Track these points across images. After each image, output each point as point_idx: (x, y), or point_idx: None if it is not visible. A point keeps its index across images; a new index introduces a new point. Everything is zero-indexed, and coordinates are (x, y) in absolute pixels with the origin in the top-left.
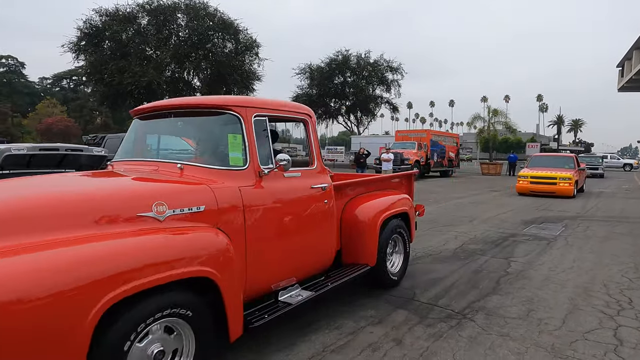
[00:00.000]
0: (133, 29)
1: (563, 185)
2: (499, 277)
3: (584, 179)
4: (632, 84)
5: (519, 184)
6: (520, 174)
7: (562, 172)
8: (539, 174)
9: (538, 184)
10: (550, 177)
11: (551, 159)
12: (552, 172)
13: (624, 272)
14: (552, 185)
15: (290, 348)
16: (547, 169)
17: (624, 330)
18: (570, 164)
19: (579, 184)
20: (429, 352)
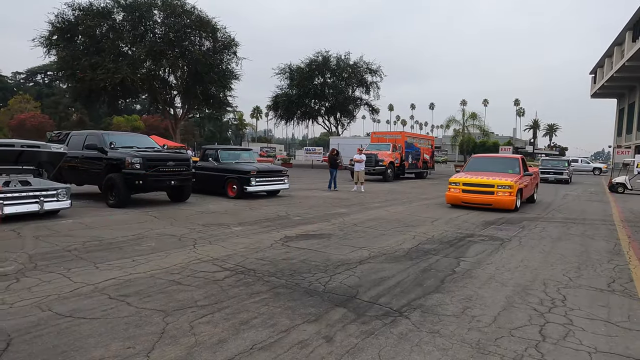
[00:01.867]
0: (107, 25)
1: (502, 196)
2: (445, 276)
3: (533, 186)
4: (604, 91)
5: (449, 193)
6: (452, 179)
7: (503, 178)
8: (473, 179)
9: (471, 193)
10: (487, 185)
11: (492, 161)
12: (490, 178)
13: (566, 272)
14: (488, 196)
15: (220, 345)
16: (485, 174)
17: (550, 327)
18: (514, 167)
19: (526, 193)
20: (356, 348)
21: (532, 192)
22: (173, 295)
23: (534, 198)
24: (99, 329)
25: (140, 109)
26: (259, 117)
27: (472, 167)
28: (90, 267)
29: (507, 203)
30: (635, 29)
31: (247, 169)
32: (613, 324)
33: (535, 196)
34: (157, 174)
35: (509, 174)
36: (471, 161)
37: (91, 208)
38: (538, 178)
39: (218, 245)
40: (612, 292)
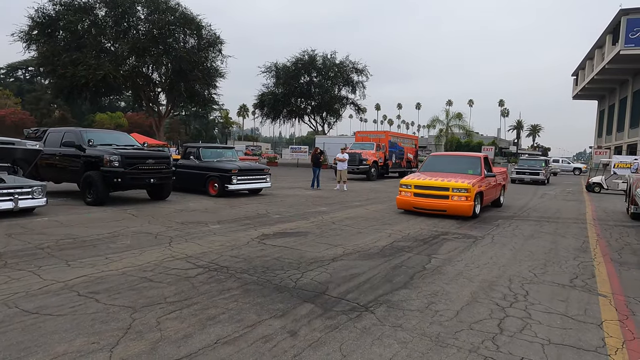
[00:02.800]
0: (89, 20)
1: (457, 201)
2: (415, 272)
3: (499, 189)
4: (585, 92)
5: (400, 197)
6: (403, 181)
7: (460, 180)
8: (426, 182)
9: (424, 197)
10: (440, 188)
11: (452, 160)
12: (445, 180)
13: (533, 268)
14: (441, 200)
15: (185, 340)
16: (442, 176)
17: (509, 321)
18: (475, 168)
19: (489, 196)
20: (318, 342)
21: (498, 195)
22: (143, 292)
23: (499, 202)
24: (64, 325)
25: (124, 106)
26: (245, 116)
27: (430, 167)
28: (61, 264)
29: (463, 209)
30: (614, 32)
31: (228, 167)
32: (569, 317)
33: (501, 199)
34: (136, 171)
35: (469, 176)
36: (429, 160)
37: (68, 206)
38: (506, 179)
39: (194, 243)
40: (573, 287)
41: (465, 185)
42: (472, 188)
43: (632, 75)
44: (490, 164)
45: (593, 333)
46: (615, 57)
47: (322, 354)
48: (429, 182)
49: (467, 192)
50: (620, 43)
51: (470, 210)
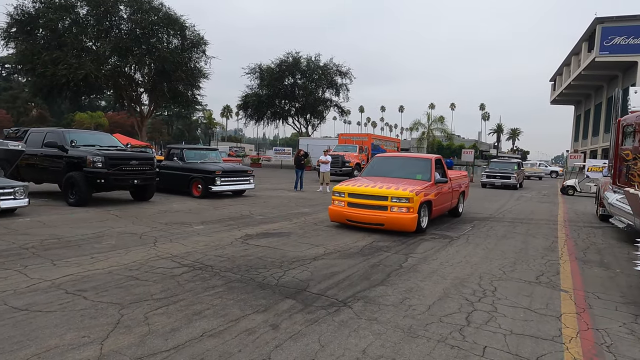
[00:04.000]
0: (70, 19)
1: (397, 213)
2: (392, 270)
3: (457, 196)
4: (562, 98)
5: (332, 207)
6: (336, 188)
7: (403, 186)
8: (361, 189)
9: (358, 208)
10: (377, 197)
11: (399, 162)
12: (385, 188)
13: (503, 266)
14: (378, 212)
15: (172, 333)
16: (384, 181)
17: (476, 314)
18: (425, 172)
19: (441, 205)
20: (299, 334)
21: (455, 203)
22: (130, 289)
23: (458, 211)
24: (54, 321)
25: (105, 105)
26: (229, 117)
27: (373, 171)
28: (47, 264)
29: (404, 222)
30: (590, 40)
31: (212, 168)
32: (532, 310)
33: (460, 208)
34: (119, 172)
35: (416, 182)
36: (373, 162)
37: (50, 206)
38: (465, 185)
39: (179, 243)
40: (538, 283)
41: (406, 194)
42: (416, 197)
43: (607, 81)
44: (445, 167)
45: (552, 324)
46: (591, 63)
47: (302, 345)
48: (365, 190)
49: (408, 202)
50: (595, 50)
51: (413, 224)
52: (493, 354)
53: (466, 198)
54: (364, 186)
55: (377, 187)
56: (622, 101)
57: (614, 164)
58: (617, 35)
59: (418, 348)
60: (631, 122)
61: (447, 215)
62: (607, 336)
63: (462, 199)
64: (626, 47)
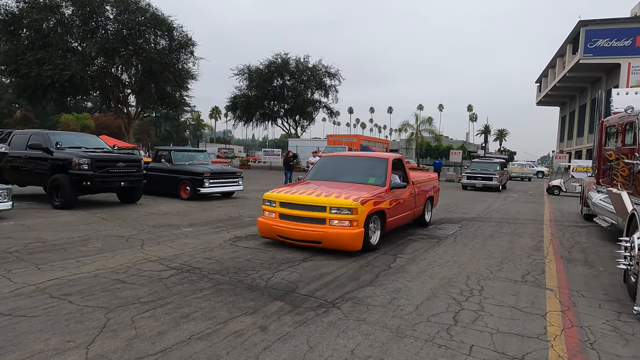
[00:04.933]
0: (55, 19)
1: (337, 227)
2: (380, 271)
3: (422, 202)
4: (548, 99)
5: (262, 219)
6: (267, 195)
7: (347, 194)
8: (295, 197)
9: (291, 222)
10: (315, 206)
11: (348, 163)
12: (324, 195)
13: (490, 266)
14: (315, 227)
15: (159, 336)
16: (329, 186)
17: (464, 313)
18: (379, 175)
19: (402, 214)
20: (287, 336)
21: (421, 210)
22: (117, 293)
23: (424, 219)
24: (39, 326)
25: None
26: (217, 118)
27: (319, 174)
28: (31, 268)
29: (345, 239)
30: (574, 42)
31: (200, 170)
32: (518, 309)
33: (427, 216)
34: (105, 174)
35: (367, 187)
36: (320, 163)
37: (35, 210)
38: (434, 189)
39: (166, 245)
40: (524, 282)
41: (349, 203)
42: (361, 207)
43: (591, 83)
44: (406, 169)
45: (537, 323)
46: (575, 65)
47: (291, 346)
48: (299, 198)
49: (351, 214)
50: (579, 52)
51: (357, 241)
52: (480, 352)
53: (435, 204)
54: (299, 193)
55: (315, 194)
56: (606, 103)
57: (598, 164)
58: (601, 38)
59: (406, 348)
60: (614, 123)
61: (412, 225)
62: (590, 333)
63: (429, 206)
64: (609, 50)
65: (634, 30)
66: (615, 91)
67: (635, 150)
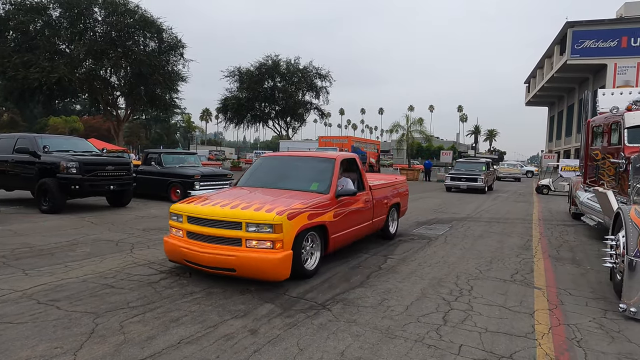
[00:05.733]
0: (42, 21)
1: (255, 250)
2: (371, 272)
3: (385, 212)
4: (536, 99)
5: (168, 238)
6: (175, 207)
7: (271, 205)
8: (205, 209)
9: (200, 241)
10: (228, 222)
11: (289, 164)
12: (240, 207)
13: (479, 265)
14: (229, 249)
15: (148, 341)
16: (265, 193)
17: (453, 313)
18: (323, 179)
19: (354, 227)
20: (278, 338)
21: (383, 221)
22: (105, 298)
23: (388, 231)
24: (25, 332)
25: (80, 109)
26: (208, 120)
27: (253, 178)
28: (18, 273)
29: (265, 267)
30: (562, 43)
31: (190, 173)
32: (506, 308)
33: (392, 227)
34: (94, 178)
35: (305, 194)
36: (255, 166)
37: (22, 214)
38: (401, 194)
39: (156, 249)
40: (513, 281)
41: (269, 217)
42: (287, 222)
43: (579, 83)
44: (362, 171)
45: (525, 321)
46: (563, 66)
47: (281, 349)
48: (209, 211)
49: (272, 232)
50: (567, 53)
51: (282, 268)
52: (469, 352)
53: (403, 212)
54: (212, 204)
55: (230, 206)
56: (592, 103)
57: (585, 163)
58: (587, 39)
59: (396, 349)
60: (600, 123)
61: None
62: (577, 331)
63: (395, 214)
64: (596, 50)
65: (620, 31)
66: (601, 91)
67: (621, 149)
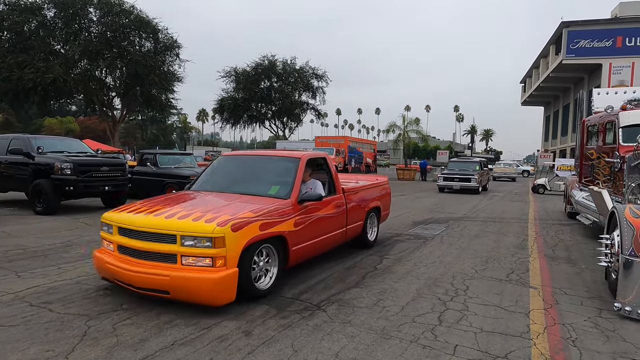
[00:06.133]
0: (37, 21)
1: (192, 268)
2: (367, 272)
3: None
4: (532, 99)
5: (98, 252)
6: (106, 217)
7: (216, 213)
8: (138, 219)
9: (129, 256)
10: (161, 234)
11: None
12: (180, 216)
13: (475, 265)
14: (162, 266)
15: (141, 344)
16: (219, 197)
17: (448, 313)
18: (284, 183)
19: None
20: (272, 340)
21: (360, 228)
22: (98, 300)
23: (366, 238)
24: (16, 335)
25: (75, 110)
26: (205, 120)
27: (210, 181)
28: (11, 275)
29: (202, 290)
30: (557, 43)
31: (186, 173)
32: (502, 308)
33: (370, 233)
34: (89, 179)
35: (262, 199)
36: (212, 167)
37: (16, 216)
38: (380, 197)
39: None
40: (508, 281)
41: (208, 230)
42: (231, 235)
43: (574, 83)
44: (334, 172)
45: (520, 321)
46: (558, 66)
47: (275, 350)
48: (141, 221)
49: (211, 247)
50: (562, 53)
51: (225, 291)
52: (464, 352)
53: (385, 217)
54: (144, 213)
55: (167, 214)
56: (587, 102)
57: (580, 163)
58: (583, 39)
59: (391, 349)
60: (595, 122)
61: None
62: (572, 331)
63: (374, 220)
64: (591, 50)
65: (615, 31)
66: (596, 91)
67: (616, 149)
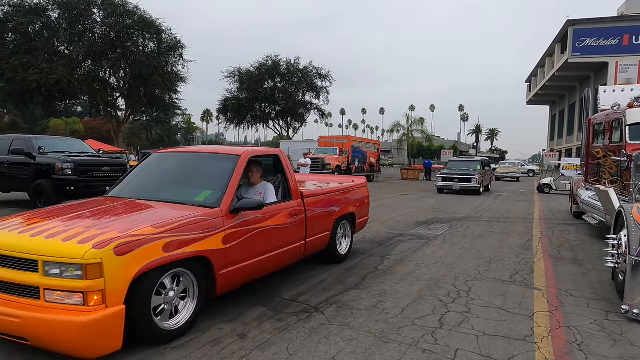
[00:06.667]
0: (41, 22)
1: (57, 306)
2: (367, 273)
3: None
4: (538, 98)
5: None
6: None
7: (102, 229)
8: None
9: None
10: (17, 259)
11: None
12: (49, 234)
13: (478, 266)
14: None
15: (133, 347)
16: (110, 209)
17: (450, 316)
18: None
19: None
20: (267, 343)
21: (326, 240)
22: None
23: (336, 251)
24: None
25: (81, 111)
26: (209, 121)
27: (134, 184)
28: None
29: (67, 338)
30: (563, 42)
31: None
32: (505, 310)
33: (342, 246)
34: (90, 179)
35: (184, 208)
36: (144, 164)
37: None
38: (357, 202)
39: None
40: (512, 282)
41: (76, 253)
42: (115, 261)
43: (580, 82)
44: (289, 172)
45: (524, 324)
46: (564, 65)
47: (270, 354)
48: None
49: (82, 278)
50: (568, 52)
51: (99, 339)
52: (465, 356)
53: (361, 225)
54: (17, 228)
55: (33, 232)
56: (593, 100)
57: (586, 162)
58: (588, 37)
59: (389, 353)
60: (601, 120)
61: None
62: (578, 334)
63: (348, 229)
64: (597, 49)
65: (621, 29)
66: (602, 89)
67: (623, 147)
